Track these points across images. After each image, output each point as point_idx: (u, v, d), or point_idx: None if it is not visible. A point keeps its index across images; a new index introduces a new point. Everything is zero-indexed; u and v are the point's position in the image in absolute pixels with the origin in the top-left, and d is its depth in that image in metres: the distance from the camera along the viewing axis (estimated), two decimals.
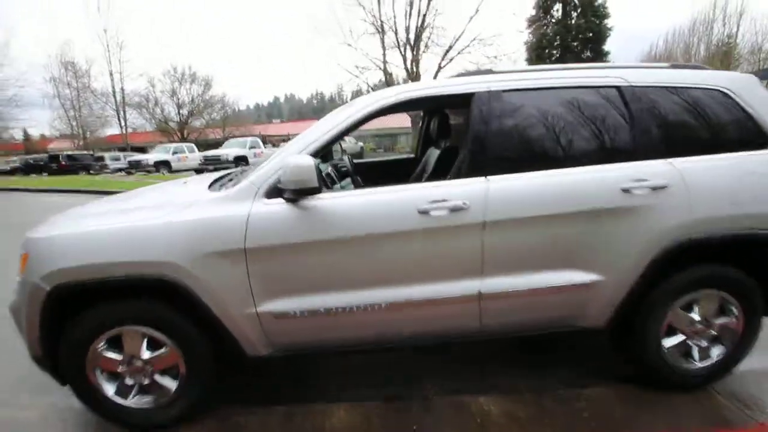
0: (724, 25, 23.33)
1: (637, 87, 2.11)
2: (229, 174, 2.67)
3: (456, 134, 3.23)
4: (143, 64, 47.45)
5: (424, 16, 18.60)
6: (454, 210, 1.91)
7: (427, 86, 2.11)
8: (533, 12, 23.59)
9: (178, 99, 33.95)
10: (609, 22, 22.66)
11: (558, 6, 23.26)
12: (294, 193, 1.83)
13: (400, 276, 1.96)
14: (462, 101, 2.10)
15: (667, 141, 2.09)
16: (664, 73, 2.19)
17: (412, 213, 1.90)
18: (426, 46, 18.96)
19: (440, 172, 3.12)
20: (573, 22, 22.66)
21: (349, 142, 23.41)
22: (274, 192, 1.90)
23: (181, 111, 34.18)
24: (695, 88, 2.15)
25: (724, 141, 2.12)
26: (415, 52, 18.89)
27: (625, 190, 1.98)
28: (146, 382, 1.99)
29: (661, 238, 2.00)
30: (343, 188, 2.57)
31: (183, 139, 31.14)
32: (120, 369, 1.97)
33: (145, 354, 1.95)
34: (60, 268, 1.82)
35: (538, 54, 22.57)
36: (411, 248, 1.93)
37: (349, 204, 1.91)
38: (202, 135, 33.83)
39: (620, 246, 2.00)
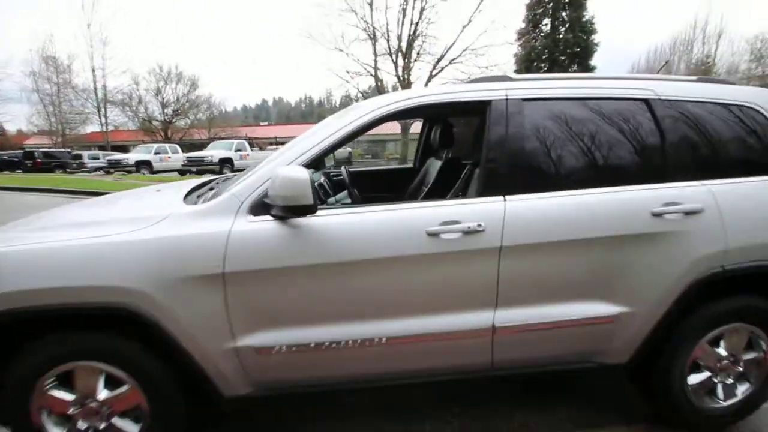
0: (703, 44, 24.09)
1: (667, 101, 1.92)
2: (209, 182, 2.38)
3: (459, 144, 3.02)
4: (128, 61, 46.17)
5: (417, 24, 18.55)
6: (468, 233, 1.67)
7: (439, 92, 1.88)
8: (523, 25, 23.86)
9: (163, 98, 33.29)
10: (596, 38, 23.07)
11: (547, 21, 23.59)
12: (284, 210, 1.56)
13: (404, 307, 1.71)
14: (476, 109, 1.88)
15: (698, 160, 1.90)
16: (694, 86, 2.01)
17: (420, 235, 1.66)
18: (418, 54, 18.90)
19: (442, 185, 2.89)
20: (561, 36, 22.98)
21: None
22: (260, 207, 1.64)
23: (165, 110, 33.48)
24: (726, 103, 1.97)
25: (756, 162, 1.95)
26: (406, 60, 18.81)
27: (656, 215, 1.79)
28: (102, 426, 1.68)
29: (693, 267, 1.81)
30: (338, 202, 2.32)
31: (167, 139, 30.42)
32: (71, 410, 1.66)
33: (102, 393, 1.65)
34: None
35: (527, 66, 22.79)
36: (417, 276, 1.69)
37: (348, 223, 1.66)
38: (187, 135, 33.13)
39: (649, 276, 1.81)
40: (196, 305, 1.57)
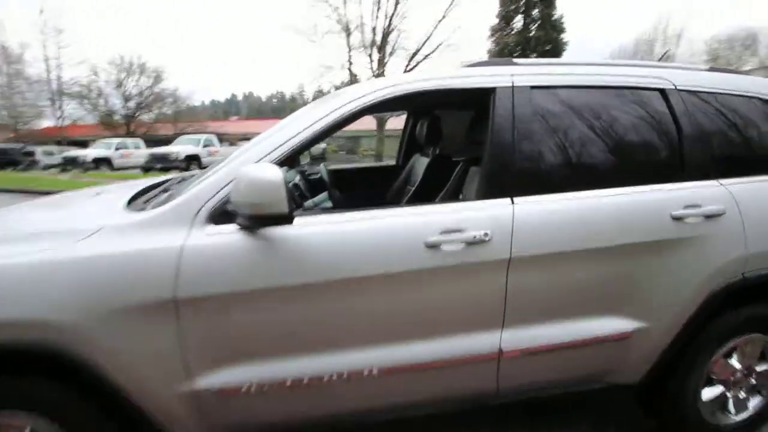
0: (664, 45, 24.96)
1: (684, 91, 1.73)
2: (162, 183, 2.02)
3: (447, 140, 2.78)
4: (85, 51, 43.63)
5: (391, 18, 18.26)
6: (473, 243, 1.42)
7: (434, 77, 1.61)
8: (496, 21, 23.98)
9: (125, 91, 31.57)
10: (565, 36, 23.47)
11: (519, 18, 23.81)
12: (252, 219, 1.27)
13: (398, 332, 1.45)
14: (477, 98, 1.63)
15: (715, 158, 1.73)
16: (710, 76, 1.83)
17: (418, 247, 1.40)
18: (393, 48, 18.61)
19: (430, 185, 2.64)
20: (533, 34, 23.24)
21: None
22: (223, 215, 1.33)
23: (127, 103, 31.78)
24: (744, 95, 1.81)
25: None
26: (381, 54, 18.48)
27: (677, 219, 1.59)
28: None
29: (714, 276, 1.64)
30: (317, 206, 2.02)
31: (129, 134, 28.91)
32: None
33: None
34: None
35: None
36: (413, 295, 1.43)
37: (332, 234, 1.38)
38: (152, 130, 31.56)
39: (667, 287, 1.62)
40: (140, 340, 1.25)
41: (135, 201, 1.65)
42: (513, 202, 1.50)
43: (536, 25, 23.34)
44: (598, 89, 1.66)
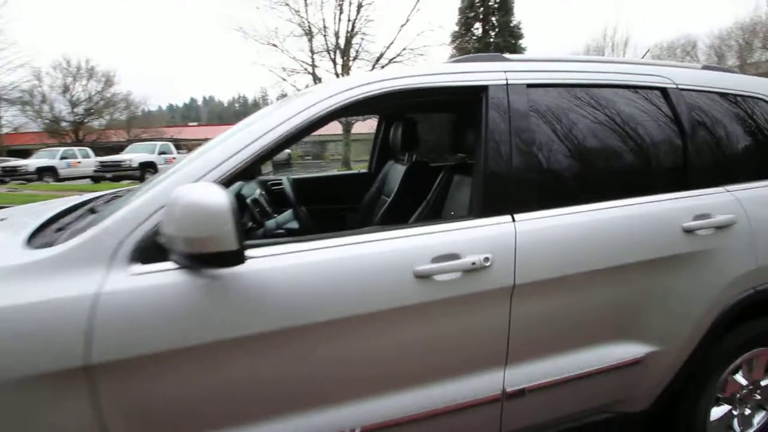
0: (612, 51, 26.24)
1: (686, 90, 1.59)
2: (87, 203, 1.66)
3: (425, 145, 2.56)
4: (26, 54, 40.53)
5: (354, 22, 18.03)
6: (471, 271, 1.19)
7: (416, 74, 1.36)
8: (456, 28, 24.35)
9: (72, 96, 29.60)
10: (522, 43, 24.15)
11: (478, 24, 24.30)
12: (189, 258, 0.98)
13: (384, 381, 1.20)
14: (466, 97, 1.41)
15: (720, 162, 1.60)
16: (708, 75, 1.70)
17: (406, 278, 1.15)
18: (356, 52, 18.38)
19: (407, 195, 2.42)
20: (492, 40, 23.77)
21: None
22: (153, 250, 1.03)
23: (75, 109, 29.80)
24: (745, 95, 1.70)
25: None
26: (345, 58, 18.21)
27: (688, 231, 1.44)
28: None
29: (727, 291, 1.50)
30: (280, 227, 1.73)
31: (78, 142, 27.08)
32: None
33: None
34: None
35: None
36: (401, 335, 1.18)
37: (298, 268, 1.10)
38: (103, 137, 29.74)
39: (681, 305, 1.47)
40: (41, 419, 0.93)
41: (39, 233, 1.27)
42: (514, 220, 1.28)
43: (495, 31, 23.90)
44: (598, 88, 1.49)
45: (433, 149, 2.65)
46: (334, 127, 18.86)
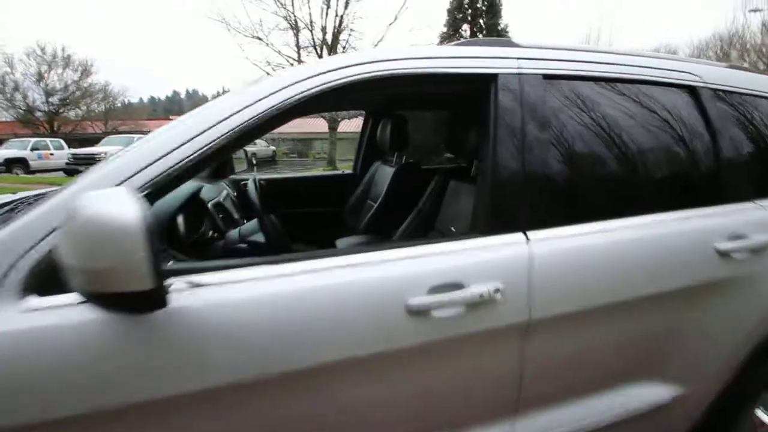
0: None
1: (716, 90, 1.39)
2: (8, 204, 1.36)
3: (416, 145, 2.33)
4: None
5: (341, 17, 17.67)
6: (477, 304, 0.96)
7: (411, 56, 1.09)
8: (445, 29, 24.22)
9: (47, 85, 28.42)
10: None
11: (466, 26, 24.17)
12: (91, 297, 0.70)
13: None
14: (470, 87, 1.18)
15: (751, 173, 1.41)
16: (740, 75, 1.51)
17: (396, 314, 0.91)
18: (344, 48, 18.02)
19: (396, 200, 2.18)
20: None
21: (260, 145, 21.35)
22: (47, 280, 0.75)
23: (50, 99, 28.62)
24: None
25: None
26: (332, 54, 17.86)
27: (723, 254, 1.23)
28: None
29: (762, 322, 1.30)
30: (243, 239, 1.46)
31: (52, 133, 26.00)
32: None
33: None
34: None
35: None
36: (390, 384, 0.94)
37: (258, 301, 0.85)
38: (79, 128, 28.65)
39: (712, 338, 1.27)
40: None
41: None
42: (528, 239, 1.05)
43: (483, 34, 23.85)
44: (624, 83, 1.27)
45: (425, 150, 2.42)
46: (320, 125, 18.50)
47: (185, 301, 0.78)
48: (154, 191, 0.83)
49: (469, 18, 23.97)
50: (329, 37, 17.68)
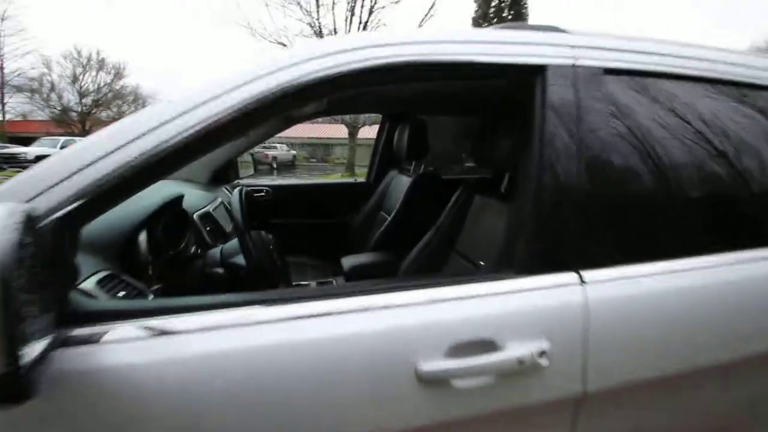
0: None
1: None
2: None
3: (436, 154, 2.09)
4: (34, 41, 40.54)
5: (365, 25, 17.64)
6: (515, 373, 0.70)
7: (435, 39, 0.84)
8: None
9: (81, 86, 29.61)
10: None
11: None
12: None
13: None
14: (508, 82, 0.94)
15: None
16: None
17: (403, 382, 0.66)
18: None
19: (413, 214, 1.94)
20: None
21: (281, 150, 21.45)
22: None
23: (83, 100, 29.78)
24: None
25: None
26: None
27: None
28: None
29: None
30: (225, 262, 1.24)
31: (84, 132, 26.93)
32: None
33: None
34: None
35: None
36: None
37: (213, 357, 0.61)
38: None
39: None
40: None
41: None
42: (582, 281, 0.79)
43: None
44: (708, 84, 0.99)
45: (443, 158, 2.18)
46: (341, 131, 18.43)
47: (116, 354, 0.56)
48: (96, 199, 0.62)
49: (494, 20, 23.78)
50: None
